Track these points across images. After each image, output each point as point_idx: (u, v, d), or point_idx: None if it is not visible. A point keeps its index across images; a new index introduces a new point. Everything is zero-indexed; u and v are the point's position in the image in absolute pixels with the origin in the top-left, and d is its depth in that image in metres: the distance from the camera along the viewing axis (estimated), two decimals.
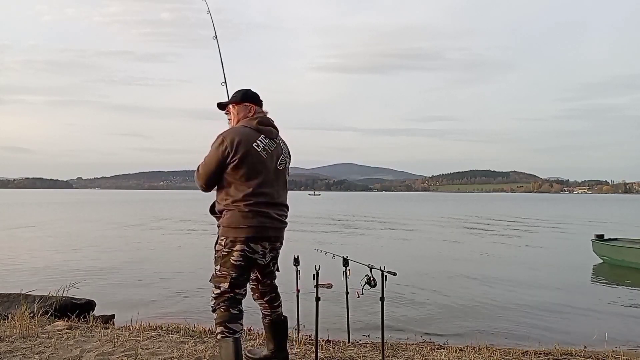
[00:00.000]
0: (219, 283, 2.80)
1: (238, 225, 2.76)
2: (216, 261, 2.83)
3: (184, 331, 4.55)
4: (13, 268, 11.02)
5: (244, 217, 2.76)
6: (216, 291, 2.81)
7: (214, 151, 2.80)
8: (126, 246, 15.64)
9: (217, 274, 2.81)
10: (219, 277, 2.80)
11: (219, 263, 2.81)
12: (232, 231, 2.76)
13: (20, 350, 3.72)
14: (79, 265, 11.38)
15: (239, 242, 2.75)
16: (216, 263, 2.83)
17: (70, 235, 18.97)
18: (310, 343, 4.07)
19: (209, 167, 2.82)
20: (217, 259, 2.82)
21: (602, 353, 4.27)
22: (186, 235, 19.53)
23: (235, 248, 2.75)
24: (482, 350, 4.26)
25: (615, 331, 6.17)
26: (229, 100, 3.07)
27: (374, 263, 3.51)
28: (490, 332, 6.19)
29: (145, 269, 11.15)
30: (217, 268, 2.82)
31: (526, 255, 14.50)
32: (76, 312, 5.49)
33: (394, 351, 4.09)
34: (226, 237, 2.78)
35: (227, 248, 2.77)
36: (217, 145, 2.79)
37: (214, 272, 2.84)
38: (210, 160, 2.81)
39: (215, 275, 2.82)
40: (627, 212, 46.34)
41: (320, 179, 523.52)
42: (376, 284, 3.40)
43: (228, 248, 2.77)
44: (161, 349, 3.80)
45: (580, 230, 23.54)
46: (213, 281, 2.83)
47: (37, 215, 34.27)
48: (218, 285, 2.80)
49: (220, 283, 2.79)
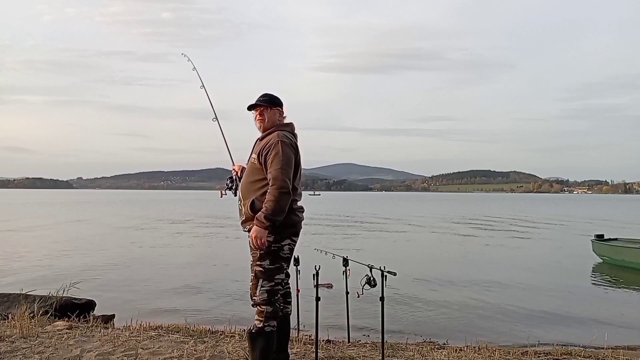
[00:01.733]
0: (274, 275, 3.01)
1: (289, 223, 3.01)
2: (263, 257, 2.99)
3: (184, 331, 4.56)
4: (13, 268, 11.01)
5: (294, 216, 3.06)
6: (269, 284, 3.01)
7: (288, 151, 2.99)
8: (126, 246, 15.63)
9: (270, 267, 3.00)
10: (272, 270, 3.00)
11: (268, 258, 2.99)
12: (283, 228, 2.99)
13: (20, 350, 3.72)
14: (79, 265, 11.38)
15: (287, 237, 3.03)
16: (264, 258, 2.99)
17: (70, 235, 18.97)
18: (310, 343, 4.08)
19: (290, 167, 2.98)
20: (265, 254, 2.99)
21: (602, 353, 4.27)
22: (186, 235, 19.52)
23: (284, 243, 3.02)
24: (482, 350, 4.27)
25: (615, 331, 6.17)
26: (262, 103, 3.19)
27: (373, 263, 3.52)
28: (490, 332, 6.18)
29: (145, 269, 11.14)
30: (266, 263, 3.00)
31: (526, 255, 14.50)
32: (76, 312, 5.49)
33: (394, 351, 4.09)
34: (275, 234, 2.97)
35: (276, 243, 2.99)
36: (288, 146, 3.00)
37: (261, 268, 3.00)
38: (290, 159, 2.99)
39: (268, 270, 3.00)
40: (627, 212, 46.33)
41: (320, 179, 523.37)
42: (376, 284, 3.40)
43: (278, 243, 2.99)
44: (161, 349, 3.81)
45: (580, 230, 23.54)
46: (265, 275, 3.00)
47: (37, 215, 34.26)
48: (273, 277, 3.01)
49: (275, 275, 3.02)
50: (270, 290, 2.99)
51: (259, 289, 2.99)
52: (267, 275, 2.99)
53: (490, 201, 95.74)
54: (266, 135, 3.13)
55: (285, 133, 3.10)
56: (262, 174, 3.02)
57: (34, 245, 15.44)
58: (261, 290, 2.99)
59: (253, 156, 3.13)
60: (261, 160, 3.03)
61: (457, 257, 13.75)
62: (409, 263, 12.22)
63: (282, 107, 3.23)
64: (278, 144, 2.97)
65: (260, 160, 3.04)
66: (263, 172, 3.01)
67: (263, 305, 2.98)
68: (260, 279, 3.00)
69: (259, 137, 3.22)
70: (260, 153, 3.05)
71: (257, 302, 3.00)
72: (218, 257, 12.92)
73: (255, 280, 3.02)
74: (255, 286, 3.02)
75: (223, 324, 5.39)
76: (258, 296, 2.99)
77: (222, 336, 4.33)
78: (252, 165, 3.11)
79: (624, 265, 11.48)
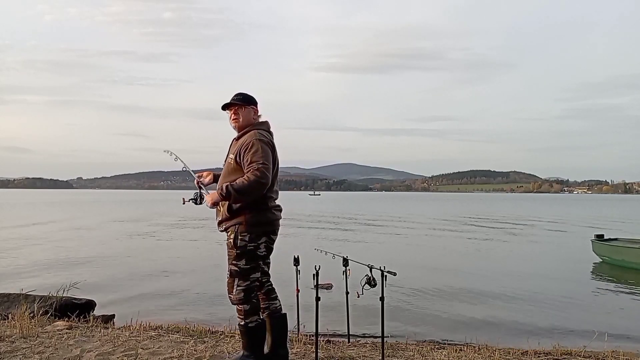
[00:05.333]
0: (249, 275, 3.05)
1: (265, 220, 3.04)
2: (239, 256, 3.02)
3: (184, 331, 4.55)
4: (13, 268, 11.01)
5: (270, 214, 3.08)
6: (245, 283, 3.05)
7: (266, 148, 2.99)
8: (126, 246, 15.63)
9: (246, 267, 3.04)
10: (248, 269, 3.04)
11: (244, 257, 3.02)
12: (259, 227, 3.03)
13: (20, 350, 3.72)
14: (79, 265, 11.39)
15: (263, 235, 3.06)
16: (240, 258, 3.03)
17: (70, 235, 18.97)
18: (310, 343, 4.07)
19: (269, 162, 2.97)
20: (241, 254, 3.02)
21: (602, 353, 4.27)
22: (186, 235, 19.51)
23: (261, 241, 3.05)
24: (482, 349, 4.27)
25: (615, 331, 6.17)
26: (236, 102, 3.17)
27: (374, 263, 3.51)
28: (490, 332, 6.18)
29: (146, 269, 11.14)
30: (241, 262, 3.03)
31: (526, 255, 14.50)
32: (76, 312, 5.49)
33: (394, 351, 4.09)
34: (251, 233, 3.01)
35: (252, 243, 3.02)
36: (265, 143, 3.00)
37: (237, 268, 3.04)
38: (268, 155, 2.98)
39: (244, 269, 3.04)
40: (627, 212, 46.32)
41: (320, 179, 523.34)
42: (376, 283, 3.40)
43: (254, 242, 3.03)
44: (161, 349, 3.80)
45: (580, 230, 23.54)
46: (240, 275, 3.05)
47: (37, 215, 34.26)
48: (249, 276, 3.05)
49: (251, 274, 3.06)
50: (246, 289, 3.05)
51: (235, 288, 3.05)
52: (243, 274, 3.04)
53: (490, 201, 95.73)
54: (242, 134, 3.13)
55: (262, 131, 3.09)
56: (240, 174, 2.99)
57: (34, 246, 15.44)
58: (237, 289, 3.05)
59: (230, 156, 3.13)
60: (239, 160, 3.02)
61: (457, 257, 13.75)
62: (409, 263, 12.21)
63: (256, 105, 3.23)
64: (256, 142, 2.97)
65: (238, 160, 3.03)
66: (241, 171, 2.99)
67: (240, 304, 3.06)
68: (235, 278, 3.05)
69: (234, 137, 3.21)
70: (238, 153, 3.03)
71: (234, 301, 3.08)
72: (218, 257, 12.91)
73: (231, 280, 3.07)
74: (231, 285, 3.08)
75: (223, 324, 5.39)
76: (235, 295, 3.06)
77: (222, 336, 4.33)
78: (229, 166, 3.10)
79: (624, 265, 11.48)
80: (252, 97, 3.20)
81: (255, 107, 3.21)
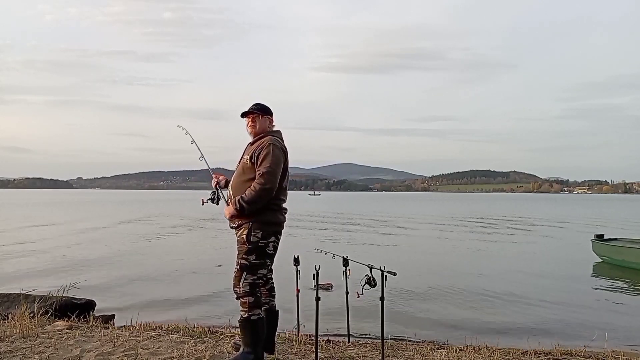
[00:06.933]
0: (257, 270, 3.25)
1: (275, 221, 3.30)
2: (250, 251, 3.22)
3: (184, 331, 4.56)
4: (13, 268, 11.01)
5: (280, 215, 3.35)
6: (252, 277, 3.23)
7: (278, 153, 3.25)
8: (126, 246, 15.63)
9: (255, 262, 3.23)
10: (257, 265, 3.24)
11: (255, 253, 3.22)
12: (270, 226, 3.27)
13: (20, 350, 3.72)
14: (79, 265, 11.38)
15: (272, 235, 3.29)
16: (251, 253, 3.22)
17: (70, 235, 18.96)
18: (310, 343, 4.07)
19: (279, 167, 3.25)
20: (253, 249, 3.22)
21: (602, 353, 4.27)
22: (187, 236, 19.51)
23: (270, 240, 3.28)
24: (482, 350, 4.27)
25: (615, 331, 6.17)
26: (255, 111, 3.47)
27: (374, 263, 3.52)
28: (490, 332, 6.18)
29: (146, 269, 11.14)
30: (252, 257, 3.22)
31: (526, 255, 14.49)
32: (76, 312, 5.50)
33: (394, 351, 4.09)
34: (263, 231, 3.24)
35: (263, 240, 3.24)
36: (278, 149, 3.27)
37: (247, 262, 3.22)
38: (279, 160, 3.26)
39: (254, 264, 3.23)
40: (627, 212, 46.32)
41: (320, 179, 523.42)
42: (376, 283, 3.40)
43: (265, 240, 3.25)
44: (161, 349, 3.81)
45: (580, 230, 23.54)
46: (249, 269, 3.22)
47: (37, 215, 34.25)
48: (257, 271, 3.24)
49: (259, 270, 3.26)
50: (252, 284, 3.22)
51: (242, 281, 3.21)
52: (251, 269, 3.22)
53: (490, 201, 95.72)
54: (258, 139, 3.41)
55: (276, 138, 3.40)
56: (253, 173, 3.27)
57: (34, 246, 15.42)
58: (244, 282, 3.21)
59: (245, 157, 3.39)
60: (253, 160, 3.29)
61: (458, 257, 13.74)
62: (409, 263, 12.21)
63: (272, 115, 3.53)
64: (270, 145, 3.25)
65: (253, 161, 3.30)
66: (254, 171, 3.26)
67: (245, 296, 3.21)
68: (244, 271, 3.22)
69: (250, 142, 3.51)
70: (252, 154, 3.31)
71: (240, 294, 3.22)
72: (219, 257, 12.91)
73: (239, 273, 3.24)
74: (238, 278, 3.24)
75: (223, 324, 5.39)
76: (241, 288, 3.21)
77: (222, 336, 4.33)
78: (244, 165, 3.36)
79: (624, 265, 11.48)
80: (268, 108, 3.51)
81: (271, 117, 3.52)
